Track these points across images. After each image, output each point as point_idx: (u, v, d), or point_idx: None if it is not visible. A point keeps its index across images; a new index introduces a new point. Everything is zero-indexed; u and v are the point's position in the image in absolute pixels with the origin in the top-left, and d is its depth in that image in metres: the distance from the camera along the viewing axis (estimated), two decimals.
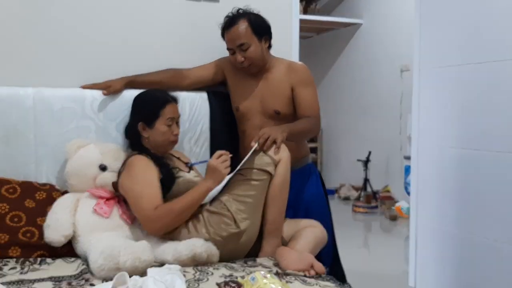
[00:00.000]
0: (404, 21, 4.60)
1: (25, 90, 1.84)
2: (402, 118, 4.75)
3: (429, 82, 2.22)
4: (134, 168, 1.70)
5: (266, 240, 1.70)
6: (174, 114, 1.81)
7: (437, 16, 2.16)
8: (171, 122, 1.79)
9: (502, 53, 1.85)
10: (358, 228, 4.42)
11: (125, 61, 2.04)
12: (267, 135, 1.69)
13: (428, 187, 2.26)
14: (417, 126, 2.30)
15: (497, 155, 1.89)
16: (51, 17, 1.95)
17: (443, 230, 2.16)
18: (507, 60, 1.83)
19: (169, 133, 1.79)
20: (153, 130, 1.78)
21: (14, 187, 1.73)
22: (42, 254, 1.64)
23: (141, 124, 1.79)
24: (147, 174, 1.67)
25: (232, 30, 1.91)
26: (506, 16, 1.82)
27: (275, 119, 1.97)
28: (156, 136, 1.78)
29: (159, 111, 1.78)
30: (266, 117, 1.98)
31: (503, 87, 1.85)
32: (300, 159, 2.03)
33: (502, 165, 1.86)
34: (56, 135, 1.85)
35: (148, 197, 1.62)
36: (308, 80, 1.99)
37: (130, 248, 1.44)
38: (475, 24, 1.96)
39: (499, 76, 1.87)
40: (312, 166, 2.14)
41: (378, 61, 5.11)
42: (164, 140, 1.79)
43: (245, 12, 1.94)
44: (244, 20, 1.91)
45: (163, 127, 1.78)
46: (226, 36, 1.95)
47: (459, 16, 2.04)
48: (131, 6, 2.08)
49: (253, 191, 1.67)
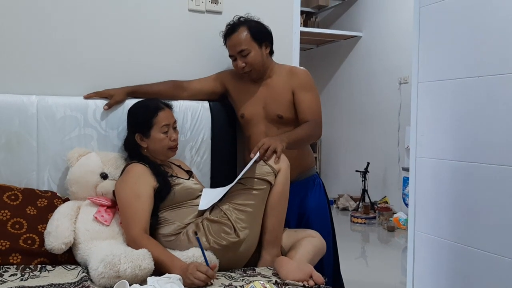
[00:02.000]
0: (402, 34, 4.65)
1: (28, 97, 1.85)
2: (400, 130, 4.77)
3: (427, 95, 2.25)
4: (128, 176, 1.72)
5: (265, 250, 1.70)
6: (169, 120, 1.82)
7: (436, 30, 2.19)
8: (166, 128, 1.80)
9: (500, 67, 1.87)
10: (356, 239, 4.42)
11: (128, 71, 2.07)
12: (267, 146, 1.71)
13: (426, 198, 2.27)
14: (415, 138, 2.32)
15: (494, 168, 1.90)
16: (56, 26, 1.98)
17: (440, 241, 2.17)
18: (505, 74, 1.86)
19: (166, 139, 1.80)
20: (150, 140, 1.80)
21: (15, 194, 1.74)
22: (42, 261, 1.64)
23: (138, 135, 1.81)
24: (138, 184, 1.68)
25: (233, 37, 1.95)
26: (504, 30, 1.85)
27: (278, 124, 2.00)
28: (154, 144, 1.80)
29: (152, 119, 1.79)
30: (270, 122, 2.01)
31: (500, 101, 1.88)
32: (305, 170, 2.06)
33: (499, 178, 1.88)
34: (58, 143, 1.87)
35: (131, 211, 1.63)
36: (309, 84, 2.02)
37: (130, 256, 1.45)
38: (473, 38, 1.99)
39: (497, 90, 1.89)
40: (316, 177, 2.15)
41: (377, 74, 5.16)
42: (162, 147, 1.80)
43: (245, 20, 1.99)
44: (244, 27, 1.95)
45: (159, 135, 1.79)
46: (227, 43, 1.99)
47: (457, 30, 2.07)
48: (135, 16, 2.11)
49: (253, 200, 1.68)
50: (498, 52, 1.88)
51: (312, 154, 2.18)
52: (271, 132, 1.96)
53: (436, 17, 2.18)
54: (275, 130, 1.98)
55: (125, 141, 1.88)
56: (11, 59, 1.92)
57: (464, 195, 2.05)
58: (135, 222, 1.61)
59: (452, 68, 2.10)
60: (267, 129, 2.00)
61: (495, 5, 1.89)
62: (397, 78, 4.80)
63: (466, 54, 2.03)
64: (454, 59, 2.09)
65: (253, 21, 1.99)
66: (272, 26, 2.04)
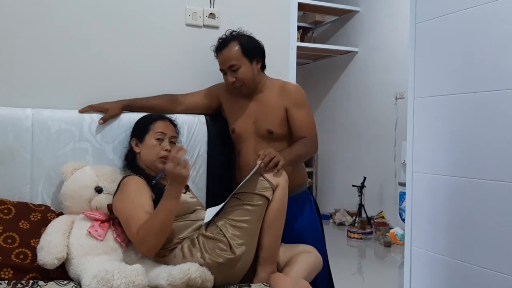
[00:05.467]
0: (398, 50, 4.68)
1: (24, 111, 1.85)
2: (396, 145, 4.78)
3: (423, 110, 2.26)
4: (127, 189, 1.70)
5: (261, 266, 1.68)
6: (166, 130, 1.83)
7: (431, 45, 2.21)
8: (161, 136, 1.81)
9: (496, 83, 1.89)
10: (353, 254, 4.39)
11: (124, 85, 2.07)
12: (273, 155, 1.71)
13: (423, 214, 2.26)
14: (411, 153, 2.33)
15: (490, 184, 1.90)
16: (52, 39, 1.98)
17: (437, 257, 2.16)
18: (500, 90, 1.87)
19: (158, 147, 1.79)
20: (143, 145, 1.81)
21: (9, 207, 1.72)
22: (34, 276, 1.62)
23: (133, 139, 1.84)
24: (138, 195, 1.67)
25: (223, 52, 1.96)
26: (499, 47, 1.87)
27: (268, 139, 1.98)
28: (146, 150, 1.80)
29: (149, 125, 1.83)
30: (260, 137, 2.00)
31: (496, 117, 1.88)
32: (297, 186, 2.04)
33: (495, 193, 1.88)
34: (52, 157, 1.86)
35: (135, 220, 1.60)
36: (302, 100, 2.01)
37: (123, 272, 1.43)
38: (469, 54, 2.00)
39: (492, 106, 1.90)
40: (307, 193, 2.13)
41: (373, 89, 5.18)
42: (153, 154, 1.79)
43: (237, 35, 1.99)
44: (235, 43, 1.95)
45: (152, 141, 1.80)
46: (218, 58, 2.00)
47: (453, 46, 2.09)
48: (131, 30, 2.11)
49: (249, 216, 1.67)
50: (493, 68, 1.89)
51: (304, 170, 2.16)
52: (260, 148, 1.90)
53: (431, 33, 2.20)
54: (265, 146, 1.94)
55: (127, 151, 1.89)
56: (7, 72, 1.92)
57: (460, 211, 2.05)
58: (138, 227, 1.59)
59: (448, 83, 2.11)
60: (257, 145, 1.98)
61: (490, 21, 1.91)
62: (393, 93, 4.82)
63: (462, 70, 2.04)
64: (450, 75, 2.10)
65: (245, 36, 1.99)
66: (269, 41, 2.05)
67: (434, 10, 2.18)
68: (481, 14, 1.94)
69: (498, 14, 1.87)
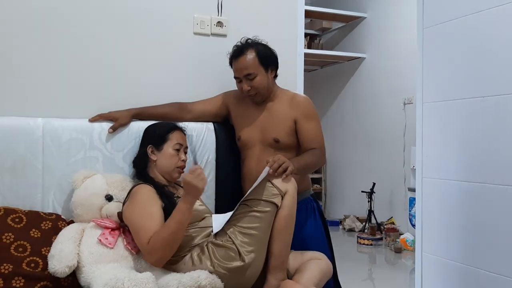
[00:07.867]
0: (406, 55, 4.67)
1: (35, 120, 1.87)
2: (405, 150, 4.76)
3: (432, 115, 2.25)
4: (137, 198, 1.71)
5: (271, 274, 1.68)
6: (182, 141, 1.87)
7: (439, 50, 2.20)
8: (178, 147, 1.84)
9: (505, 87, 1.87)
10: (363, 260, 4.36)
11: (133, 94, 2.09)
12: (282, 161, 1.70)
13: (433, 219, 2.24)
14: (421, 159, 2.31)
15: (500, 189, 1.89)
16: (62, 49, 2.00)
17: (448, 263, 2.13)
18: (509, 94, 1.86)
19: (176, 157, 1.83)
20: (161, 153, 1.82)
21: (20, 216, 1.73)
22: (45, 285, 1.63)
23: (150, 147, 1.84)
24: (148, 204, 1.67)
25: (240, 60, 1.95)
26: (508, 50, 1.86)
27: (274, 148, 1.98)
28: (164, 159, 1.81)
29: (168, 134, 1.85)
30: (265, 146, 2.00)
31: (506, 121, 1.87)
32: (300, 192, 2.03)
33: (506, 198, 1.86)
34: (63, 166, 1.87)
35: (145, 230, 1.61)
36: (311, 112, 2.02)
37: (134, 280, 1.43)
38: (477, 58, 1.99)
39: (502, 110, 1.89)
40: (311, 200, 2.12)
41: (381, 94, 5.17)
42: (171, 164, 1.82)
43: (253, 43, 1.99)
44: (252, 51, 1.95)
45: (171, 151, 1.82)
46: (234, 65, 1.99)
47: (460, 50, 2.08)
48: (140, 40, 2.13)
49: (258, 223, 1.66)
50: (502, 72, 1.88)
51: (308, 177, 2.15)
52: (264, 157, 1.88)
53: (439, 38, 2.20)
54: (270, 154, 1.92)
55: (135, 158, 1.90)
56: (18, 83, 1.94)
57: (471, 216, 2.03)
58: (148, 237, 1.59)
59: (457, 88, 2.10)
60: (261, 153, 1.98)
61: (498, 25, 1.90)
62: (402, 99, 4.81)
63: (470, 74, 2.03)
64: (458, 80, 2.09)
65: (261, 45, 1.99)
66: (276, 48, 2.06)
67: (441, 15, 2.17)
68: (488, 18, 1.93)
69: (506, 18, 1.86)
